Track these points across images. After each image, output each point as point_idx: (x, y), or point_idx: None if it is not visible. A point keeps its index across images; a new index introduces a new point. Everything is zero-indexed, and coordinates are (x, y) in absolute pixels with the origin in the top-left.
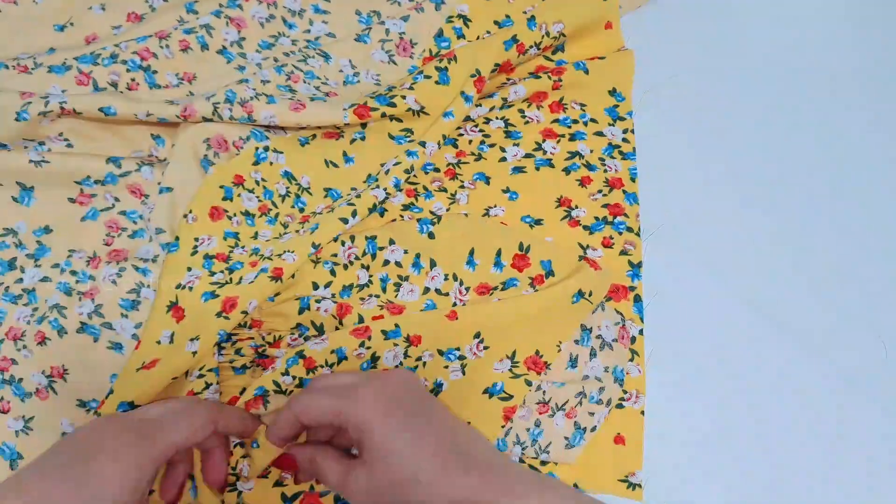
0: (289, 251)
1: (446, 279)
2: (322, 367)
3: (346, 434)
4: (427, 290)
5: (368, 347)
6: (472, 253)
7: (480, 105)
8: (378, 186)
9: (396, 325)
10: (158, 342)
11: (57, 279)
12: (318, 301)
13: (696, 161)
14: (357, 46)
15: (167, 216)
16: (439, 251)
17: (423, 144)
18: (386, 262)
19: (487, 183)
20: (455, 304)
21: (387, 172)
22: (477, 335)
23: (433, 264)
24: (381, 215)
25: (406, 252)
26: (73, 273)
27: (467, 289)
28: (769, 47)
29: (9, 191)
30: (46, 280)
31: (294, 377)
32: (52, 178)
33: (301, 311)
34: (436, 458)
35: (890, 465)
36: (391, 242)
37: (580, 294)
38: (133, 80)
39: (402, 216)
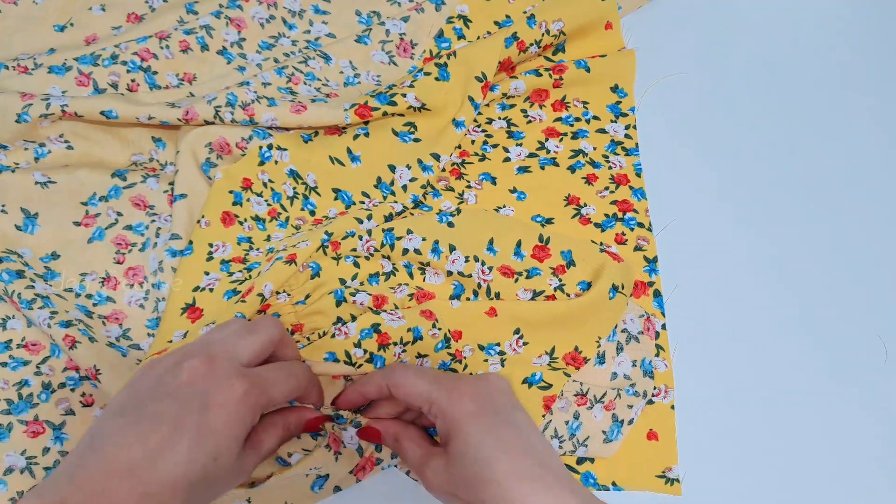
0: (303, 241)
1: (467, 261)
2: (396, 344)
3: (427, 419)
4: (450, 273)
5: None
6: (491, 242)
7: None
8: (396, 202)
9: (436, 321)
10: (170, 341)
11: (73, 301)
12: (353, 294)
13: (697, 160)
14: (357, 47)
15: (185, 222)
16: (458, 239)
17: (437, 158)
18: (405, 251)
19: (494, 183)
20: (480, 285)
21: (404, 188)
22: (517, 331)
23: (452, 248)
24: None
25: (424, 239)
26: (89, 297)
27: (490, 268)
28: (770, 45)
29: (13, 219)
30: (62, 299)
31: (366, 351)
32: (57, 201)
33: (338, 304)
34: (518, 471)
35: (890, 466)
36: (409, 232)
37: (615, 289)
38: (133, 80)
39: (412, 214)
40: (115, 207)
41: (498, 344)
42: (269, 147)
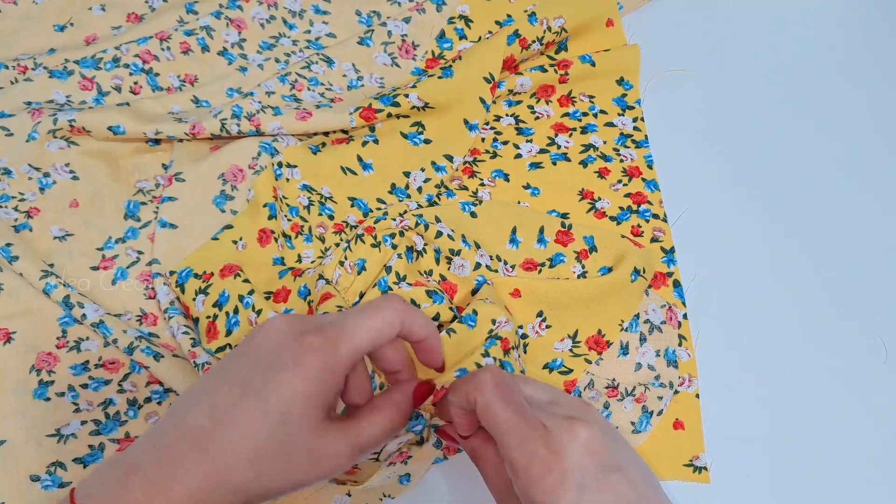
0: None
1: (491, 259)
2: (514, 348)
3: None
4: (478, 265)
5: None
6: (514, 231)
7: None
8: (412, 202)
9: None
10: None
11: (119, 335)
12: (396, 283)
13: (699, 153)
14: (359, 49)
15: (167, 250)
16: (482, 230)
17: (450, 159)
18: (438, 234)
19: (507, 180)
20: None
21: (419, 190)
22: (539, 314)
23: (477, 246)
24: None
25: (453, 232)
26: (124, 328)
27: (512, 266)
28: (770, 40)
29: (31, 276)
30: (114, 318)
31: (495, 359)
32: (74, 251)
33: (384, 294)
34: None
35: (890, 466)
36: (437, 220)
37: (636, 272)
38: (136, 83)
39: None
40: (133, 247)
41: (521, 326)
42: (279, 165)
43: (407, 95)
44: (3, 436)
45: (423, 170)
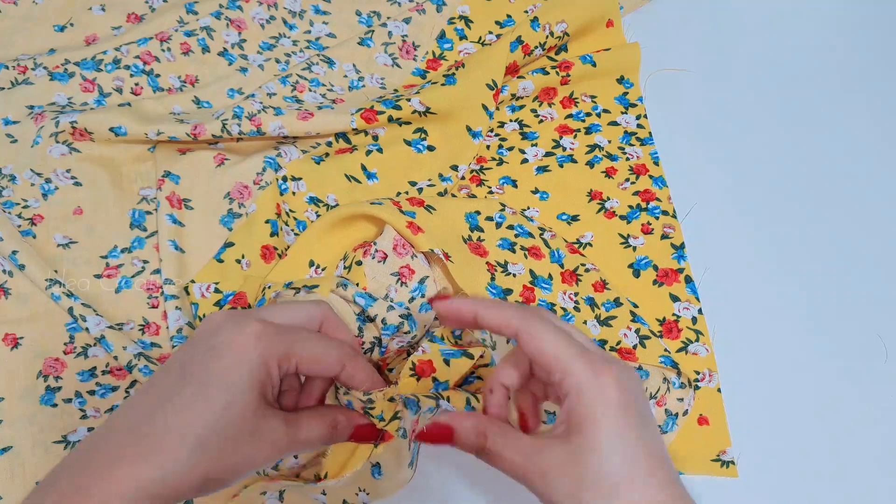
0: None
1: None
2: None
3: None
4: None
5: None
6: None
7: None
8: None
9: None
10: None
11: (119, 352)
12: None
13: (697, 151)
14: (360, 50)
15: (176, 273)
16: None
17: (455, 169)
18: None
19: (515, 186)
20: None
21: (420, 192)
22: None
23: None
24: None
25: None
26: (125, 343)
27: None
28: (769, 40)
29: (38, 283)
30: (115, 331)
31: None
32: (78, 258)
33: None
34: (657, 485)
35: (890, 466)
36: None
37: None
38: (137, 84)
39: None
40: (140, 257)
41: None
42: (284, 179)
43: (409, 100)
44: (9, 441)
45: (429, 181)
